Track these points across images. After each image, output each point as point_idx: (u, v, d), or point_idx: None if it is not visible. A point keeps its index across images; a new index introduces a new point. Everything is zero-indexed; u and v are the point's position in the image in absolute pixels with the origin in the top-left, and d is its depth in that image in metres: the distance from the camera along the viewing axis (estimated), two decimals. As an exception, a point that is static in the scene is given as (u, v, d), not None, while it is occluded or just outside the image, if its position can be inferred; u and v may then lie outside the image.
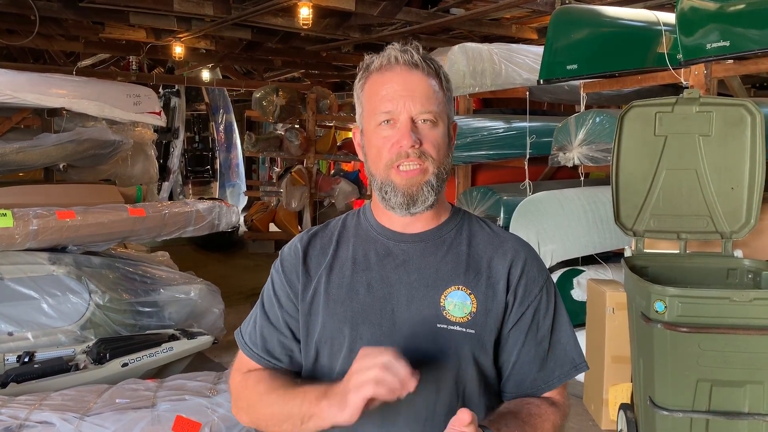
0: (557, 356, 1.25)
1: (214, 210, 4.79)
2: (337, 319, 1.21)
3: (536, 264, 1.27)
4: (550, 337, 1.25)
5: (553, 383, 1.25)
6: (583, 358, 1.28)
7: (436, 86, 1.20)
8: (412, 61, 1.18)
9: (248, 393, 1.27)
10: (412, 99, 1.16)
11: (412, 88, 1.17)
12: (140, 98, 5.24)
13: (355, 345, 1.19)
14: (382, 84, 1.19)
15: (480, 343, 1.19)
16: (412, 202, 1.18)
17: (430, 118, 1.17)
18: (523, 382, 1.24)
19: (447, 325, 1.18)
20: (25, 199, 4.28)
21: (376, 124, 1.19)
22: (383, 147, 1.18)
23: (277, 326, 1.29)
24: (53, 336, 3.92)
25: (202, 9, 5.68)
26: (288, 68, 9.76)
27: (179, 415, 2.74)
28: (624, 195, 3.19)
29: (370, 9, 5.61)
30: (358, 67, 1.25)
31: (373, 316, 1.20)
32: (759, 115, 3.02)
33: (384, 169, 1.18)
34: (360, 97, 1.24)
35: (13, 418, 2.65)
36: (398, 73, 1.18)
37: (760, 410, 2.64)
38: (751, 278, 3.06)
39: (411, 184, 1.17)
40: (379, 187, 1.20)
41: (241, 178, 11.58)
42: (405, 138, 1.15)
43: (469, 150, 5.01)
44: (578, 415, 3.76)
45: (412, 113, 1.16)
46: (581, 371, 1.27)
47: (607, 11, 4.36)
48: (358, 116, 1.26)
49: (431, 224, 1.26)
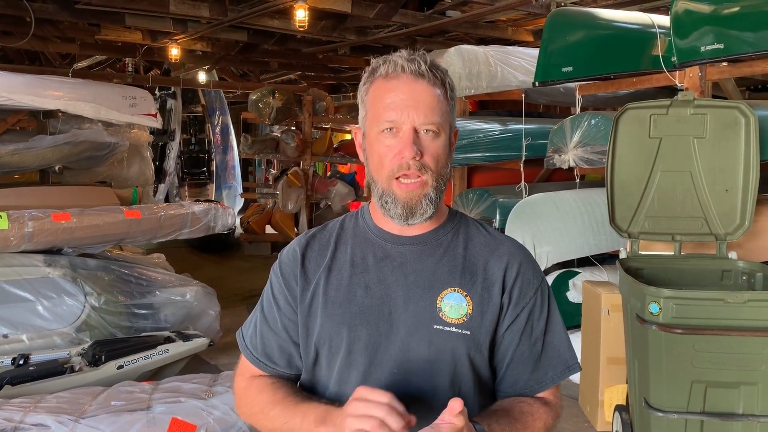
0: (550, 357, 1.27)
1: (210, 212, 4.78)
2: (336, 320, 1.23)
3: (531, 267, 1.29)
4: (544, 339, 1.27)
5: (546, 384, 1.27)
6: (576, 359, 1.30)
7: (441, 96, 1.21)
8: (419, 71, 1.19)
9: (250, 402, 1.30)
10: (416, 110, 1.17)
11: (416, 98, 1.18)
12: (136, 100, 5.23)
13: (353, 346, 1.21)
14: (387, 91, 1.20)
15: (475, 344, 1.21)
16: (411, 214, 1.20)
17: (433, 129, 1.19)
18: (516, 382, 1.27)
19: (443, 326, 1.20)
20: (21, 201, 4.27)
21: (379, 131, 1.20)
22: (386, 156, 1.19)
23: (276, 330, 1.31)
24: (48, 338, 3.91)
25: (198, 11, 5.68)
26: (284, 70, 9.77)
27: (175, 418, 2.73)
28: (619, 197, 3.20)
29: (366, 11, 5.61)
30: (365, 69, 1.26)
31: (370, 318, 1.22)
32: (753, 117, 3.03)
33: (386, 180, 1.20)
34: (364, 99, 1.25)
35: (8, 421, 2.64)
36: (404, 82, 1.19)
37: (754, 411, 2.65)
38: (746, 280, 3.07)
39: (411, 198, 1.19)
40: (380, 195, 1.22)
41: (237, 180, 11.56)
42: (407, 149, 1.17)
43: (465, 152, 5.02)
44: (574, 417, 3.76)
45: (415, 123, 1.18)
46: (574, 372, 1.29)
47: (602, 14, 4.38)
48: (361, 118, 1.27)
49: (428, 227, 1.27)
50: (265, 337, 1.32)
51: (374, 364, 1.21)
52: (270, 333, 1.32)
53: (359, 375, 1.21)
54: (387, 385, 1.19)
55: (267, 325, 1.32)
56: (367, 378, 1.20)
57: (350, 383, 1.21)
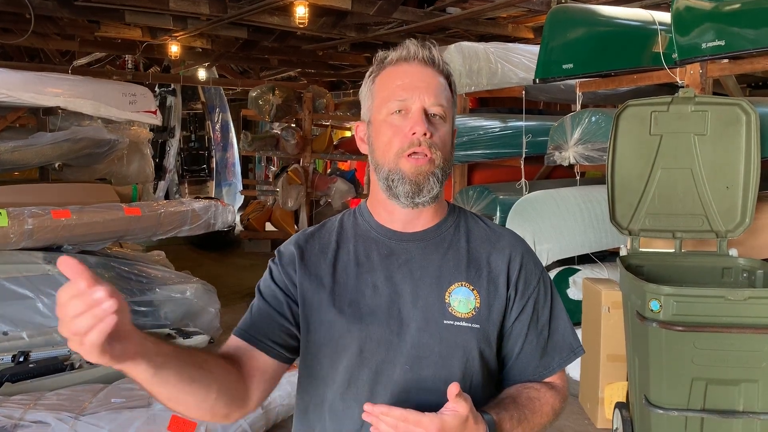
0: (556, 343, 1.30)
1: (210, 209, 4.78)
2: (345, 320, 1.22)
3: (532, 257, 1.32)
4: (549, 326, 1.30)
5: (553, 369, 1.29)
6: (579, 342, 1.33)
7: (446, 86, 1.24)
8: (430, 56, 1.22)
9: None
10: (427, 91, 1.20)
11: (427, 81, 1.21)
12: (136, 97, 5.23)
13: (365, 345, 1.21)
14: (397, 75, 1.22)
15: (485, 337, 1.23)
16: (419, 191, 1.20)
17: (441, 112, 1.21)
18: (525, 370, 1.29)
19: (453, 321, 1.21)
20: (21, 199, 4.26)
21: (388, 113, 1.21)
22: (395, 136, 1.20)
23: (275, 305, 1.26)
24: (48, 335, 3.91)
25: (197, 8, 5.67)
26: (284, 67, 9.75)
27: (175, 415, 2.73)
28: (619, 194, 3.19)
29: (366, 8, 5.60)
30: (372, 57, 1.28)
31: (381, 316, 1.22)
32: (754, 114, 3.03)
33: (394, 158, 1.20)
34: (371, 89, 1.26)
35: (8, 418, 2.64)
36: (415, 66, 1.22)
37: (754, 408, 2.65)
38: (746, 277, 3.06)
39: (419, 173, 1.19)
40: (386, 176, 1.21)
41: (237, 177, 11.56)
42: (418, 125, 1.18)
43: (466, 149, 5.01)
44: (574, 414, 3.76)
45: (425, 104, 1.19)
46: (579, 355, 1.32)
47: (603, 10, 4.37)
48: (366, 109, 1.27)
49: (431, 222, 1.28)
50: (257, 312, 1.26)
51: (386, 362, 1.20)
52: (266, 307, 1.26)
53: (371, 373, 1.21)
54: (399, 382, 1.20)
55: (266, 304, 1.26)
56: (378, 376, 1.20)
57: (361, 382, 1.21)
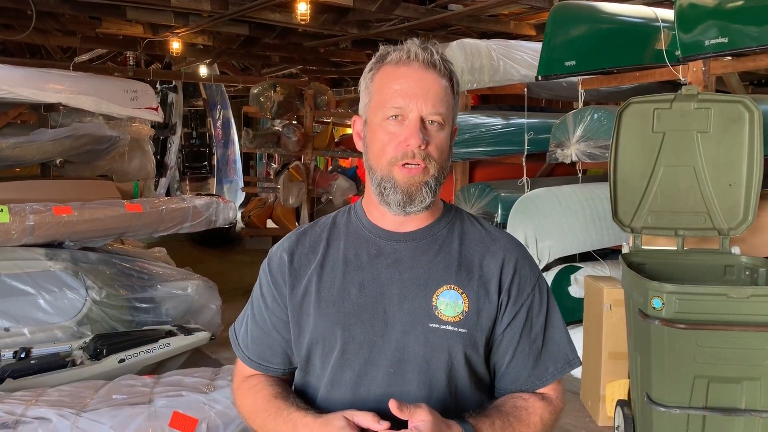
0: (551, 353, 1.26)
1: (212, 206, 4.78)
2: (330, 319, 1.21)
3: (528, 263, 1.27)
4: (544, 334, 1.26)
5: (547, 379, 1.26)
6: (576, 353, 1.29)
7: (448, 89, 1.19)
8: (431, 60, 1.17)
9: (240, 406, 1.32)
10: (425, 98, 1.15)
11: (426, 87, 1.16)
12: (137, 94, 5.22)
13: (347, 345, 1.19)
14: (396, 78, 1.17)
15: (472, 342, 1.20)
16: (410, 201, 1.17)
17: (439, 120, 1.17)
18: (517, 379, 1.25)
19: (439, 324, 1.18)
20: (22, 195, 4.26)
21: (383, 118, 1.17)
22: (389, 143, 1.16)
23: (265, 329, 1.30)
24: (50, 332, 3.91)
25: (199, 4, 5.67)
26: (285, 64, 9.74)
27: (176, 411, 2.73)
28: (622, 192, 3.18)
29: (368, 5, 5.59)
30: (373, 54, 1.24)
31: (365, 316, 1.20)
32: (757, 111, 3.02)
33: (387, 165, 1.17)
34: (369, 86, 1.22)
35: (10, 414, 2.64)
36: (414, 70, 1.17)
37: (756, 406, 2.65)
38: (749, 275, 3.06)
39: (411, 183, 1.16)
40: (379, 182, 1.19)
41: (238, 174, 11.55)
42: (413, 137, 1.14)
43: (467, 146, 5.01)
44: (575, 411, 3.76)
45: (422, 113, 1.15)
46: (574, 367, 1.28)
47: (606, 7, 4.36)
48: (363, 105, 1.23)
49: (423, 222, 1.25)
50: (255, 336, 1.31)
51: (369, 363, 1.19)
52: (260, 332, 1.31)
53: (354, 375, 1.19)
54: (382, 384, 1.18)
55: (256, 324, 1.31)
56: (361, 378, 1.19)
57: (343, 383, 1.20)
